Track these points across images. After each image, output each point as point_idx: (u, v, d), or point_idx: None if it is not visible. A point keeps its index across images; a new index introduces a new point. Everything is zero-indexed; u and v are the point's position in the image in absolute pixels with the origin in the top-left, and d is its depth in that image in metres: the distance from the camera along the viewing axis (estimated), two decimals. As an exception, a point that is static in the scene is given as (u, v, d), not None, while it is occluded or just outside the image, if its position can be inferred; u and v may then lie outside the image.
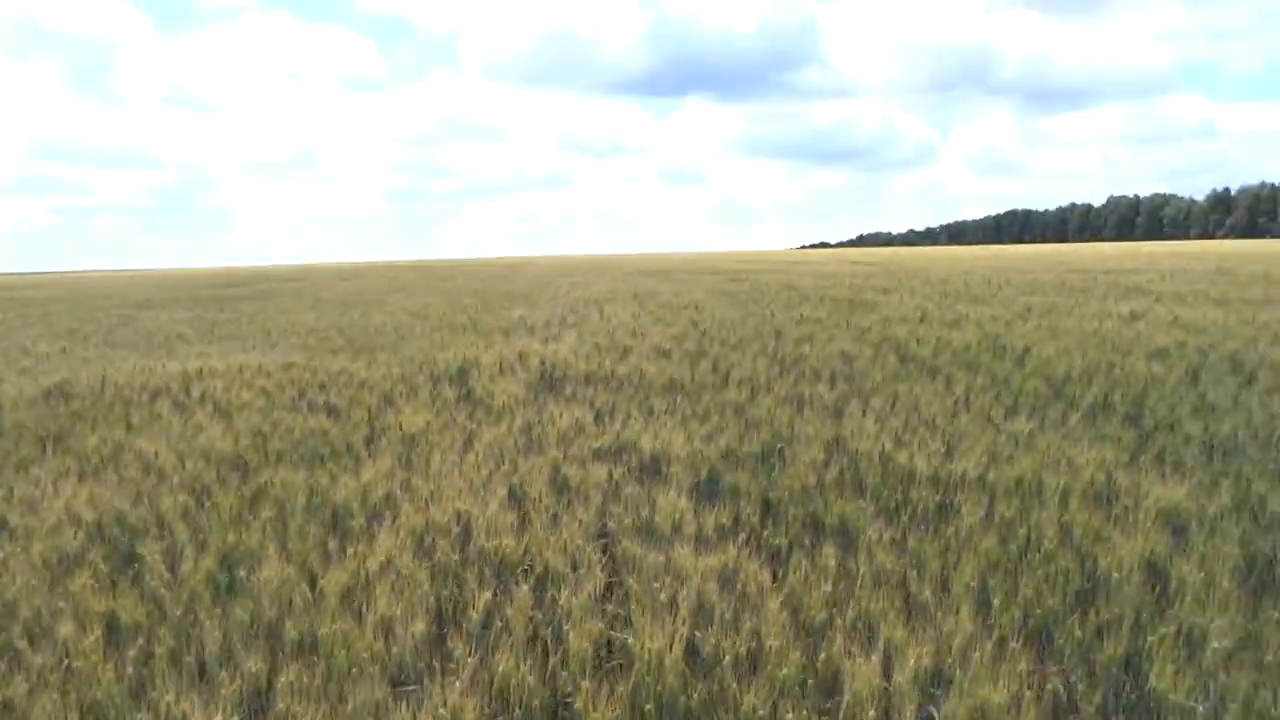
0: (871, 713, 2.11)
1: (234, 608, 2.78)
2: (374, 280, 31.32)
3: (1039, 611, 2.74)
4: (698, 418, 5.45)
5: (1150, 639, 2.54)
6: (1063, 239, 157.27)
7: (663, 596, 2.79)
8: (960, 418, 5.31)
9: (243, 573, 3.15)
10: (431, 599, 2.82)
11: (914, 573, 3.07)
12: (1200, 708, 2.11)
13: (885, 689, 2.16)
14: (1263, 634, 2.51)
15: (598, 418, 5.40)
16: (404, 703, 2.17)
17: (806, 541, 3.45)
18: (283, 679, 2.26)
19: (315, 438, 5.18)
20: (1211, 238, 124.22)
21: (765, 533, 3.48)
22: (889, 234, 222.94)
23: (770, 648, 2.43)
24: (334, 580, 2.99)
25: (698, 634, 2.57)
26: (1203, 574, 2.90)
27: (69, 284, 41.43)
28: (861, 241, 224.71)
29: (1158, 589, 2.87)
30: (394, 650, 2.50)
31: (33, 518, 3.86)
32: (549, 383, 6.63)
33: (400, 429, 5.11)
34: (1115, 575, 2.93)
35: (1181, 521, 3.45)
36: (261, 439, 5.20)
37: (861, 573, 3.00)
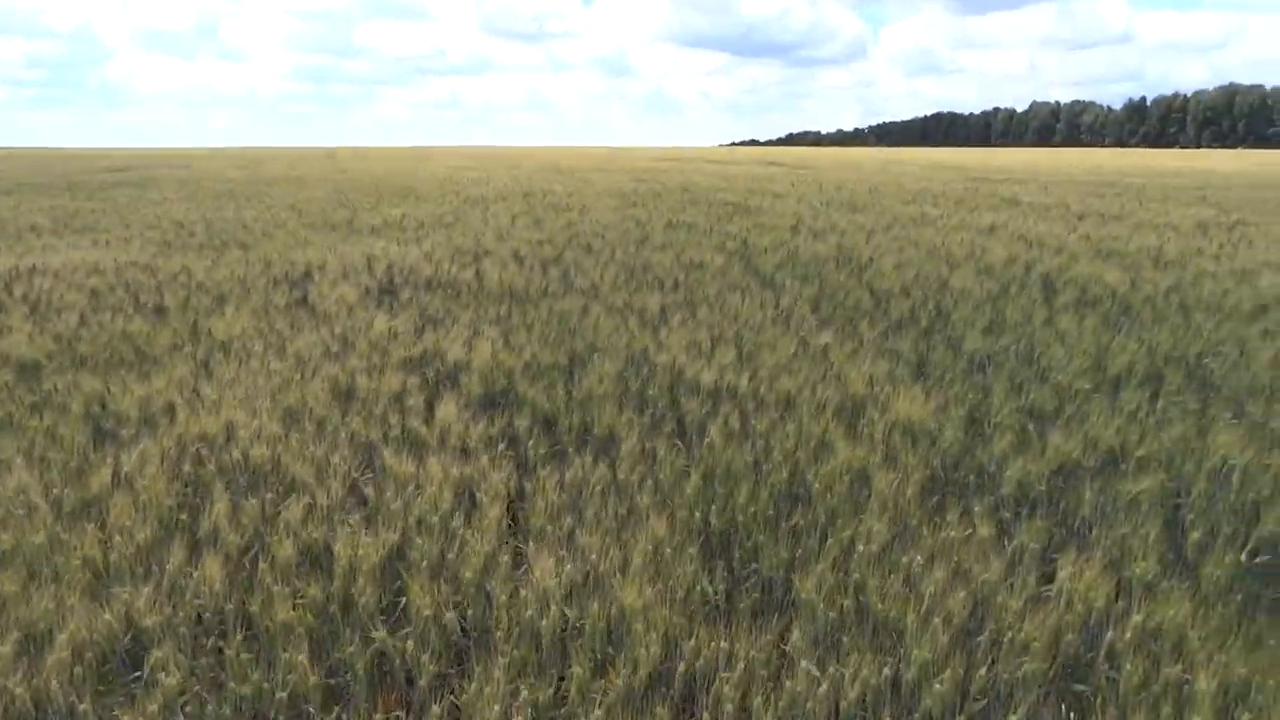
0: (529, 612, 2.32)
1: (-39, 518, 2.83)
2: (268, 169, 29.95)
3: (740, 519, 3.00)
4: (523, 327, 5.56)
5: (828, 543, 2.84)
6: (986, 142, 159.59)
7: (395, 505, 2.95)
8: (772, 330, 5.55)
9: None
10: (166, 508, 2.92)
11: (649, 482, 3.29)
12: (821, 604, 2.39)
13: (545, 592, 2.37)
14: (918, 535, 2.81)
15: (419, 326, 5.46)
16: (96, 604, 2.29)
17: (569, 451, 3.65)
18: (-27, 588, 2.35)
19: (126, 342, 5.11)
20: (1125, 145, 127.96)
21: (530, 443, 3.66)
22: (818, 133, 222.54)
23: (475, 554, 2.62)
24: (79, 489, 3.07)
25: (417, 540, 2.75)
26: (898, 484, 3.19)
27: (-63, 162, 38.47)
28: (790, 140, 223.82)
29: (862, 497, 3.17)
30: (111, 558, 2.61)
31: None
32: (388, 288, 6.62)
33: (211, 335, 5.09)
34: (818, 485, 3.21)
35: (912, 432, 3.76)
36: (70, 343, 5.12)
37: (594, 483, 3.21)
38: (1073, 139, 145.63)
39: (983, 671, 2.09)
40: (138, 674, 2.18)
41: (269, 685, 2.07)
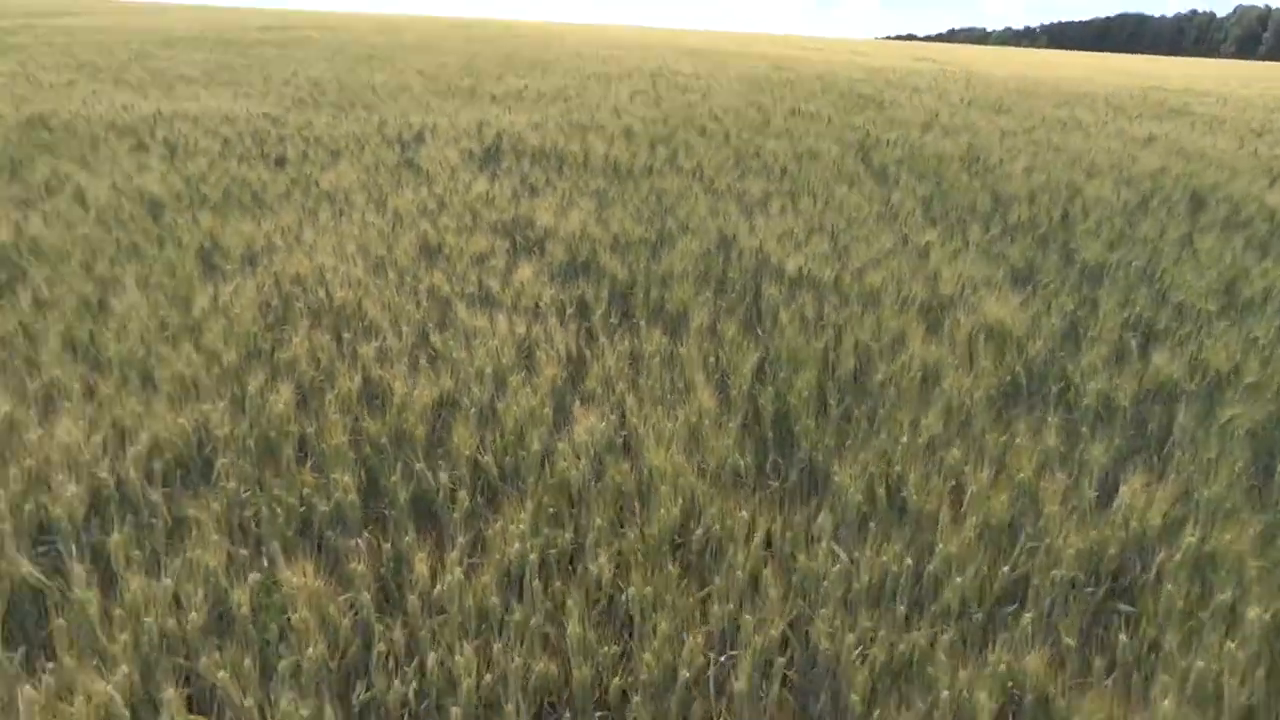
0: (574, 471, 2.38)
1: (79, 326, 3.11)
2: (407, 35, 30.23)
3: (794, 404, 2.95)
4: (619, 202, 5.52)
5: (880, 436, 2.77)
6: (1177, 51, 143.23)
7: (458, 354, 3.05)
8: (874, 225, 5.31)
9: (113, 301, 3.47)
10: (253, 337, 3.12)
11: (711, 360, 3.28)
12: (854, 489, 2.35)
13: (580, 446, 2.43)
14: (977, 437, 2.71)
15: (516, 192, 5.50)
16: (177, 412, 2.50)
17: (641, 323, 3.66)
18: (78, 385, 2.61)
19: (244, 188, 5.38)
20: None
21: (600, 311, 3.68)
22: (983, 30, 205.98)
23: (520, 405, 2.69)
24: (181, 314, 3.31)
25: (472, 388, 2.85)
26: (970, 385, 3.06)
27: (110, 15, 40.63)
28: (951, 37, 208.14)
29: (931, 392, 3.06)
30: (195, 375, 2.82)
31: (-47, 236, 4.19)
32: (494, 154, 6.66)
33: (319, 186, 5.29)
34: (882, 378, 3.11)
35: (999, 337, 3.57)
36: (196, 184, 5.42)
37: (654, 354, 3.22)
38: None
39: (1006, 570, 2.03)
40: (206, 477, 2.39)
41: (316, 500, 2.22)
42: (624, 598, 1.95)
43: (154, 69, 13.43)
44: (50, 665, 1.61)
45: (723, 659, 1.83)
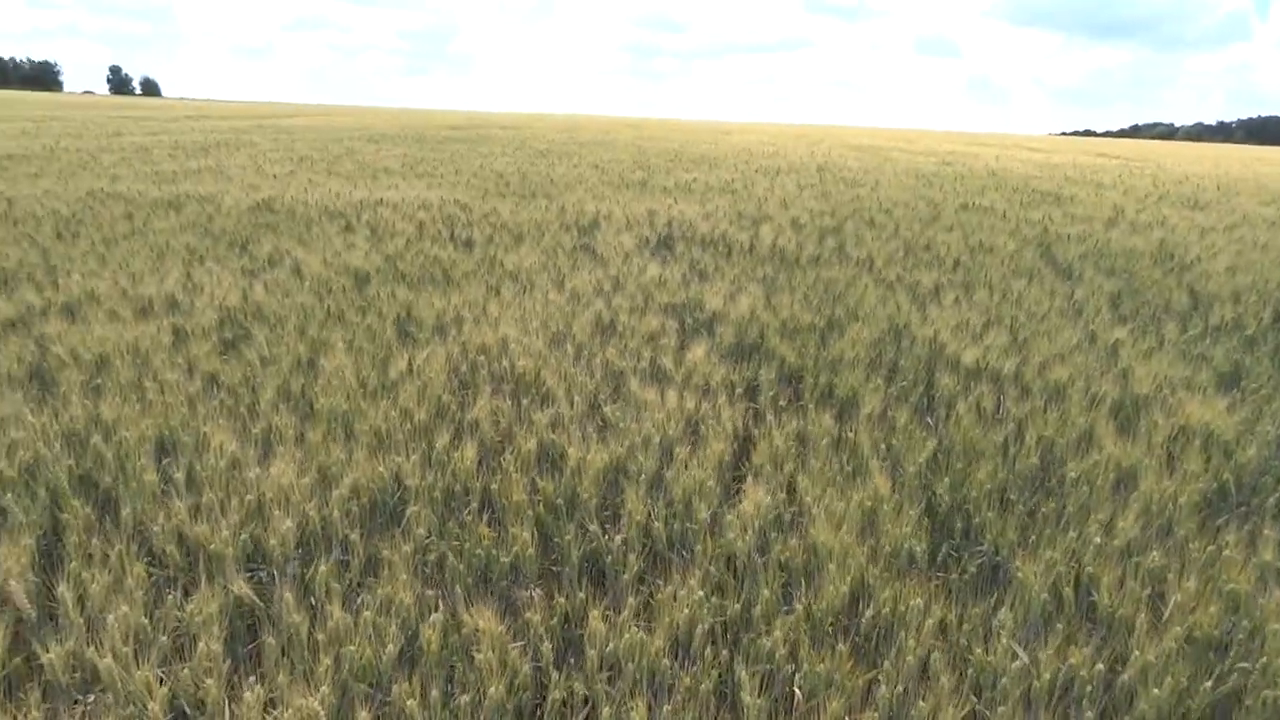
0: (740, 543, 2.39)
1: (293, 381, 3.45)
2: (582, 133, 32.16)
3: (973, 495, 2.84)
4: (787, 289, 5.58)
5: (1068, 534, 2.61)
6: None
7: (627, 424, 3.15)
8: (1056, 320, 5.09)
9: (322, 360, 3.84)
10: (442, 399, 3.35)
11: (883, 445, 3.21)
12: (1039, 586, 2.21)
13: (748, 520, 2.43)
14: (1180, 545, 2.50)
15: (686, 277, 5.67)
16: (375, 462, 2.71)
17: (810, 407, 3.65)
18: (291, 432, 2.88)
19: (436, 265, 5.84)
20: None
21: (770, 393, 3.70)
22: (1170, 125, 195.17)
23: (689, 476, 2.74)
24: (380, 375, 3.61)
25: (639, 457, 2.92)
26: (1173, 490, 2.84)
27: (324, 116, 45.81)
28: (1136, 132, 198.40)
29: (1125, 495, 2.86)
30: (390, 429, 3.05)
31: (195, 298, 4.78)
32: (666, 241, 6.91)
33: (503, 266, 5.66)
34: (1072, 476, 2.94)
35: (1203, 441, 3.30)
36: (395, 261, 5.94)
37: (824, 436, 3.19)
38: None
39: (1208, 684, 1.84)
40: (398, 523, 2.56)
41: (496, 551, 2.33)
42: (790, 672, 1.91)
43: (361, 162, 14.93)
44: (252, 678, 1.76)
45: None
